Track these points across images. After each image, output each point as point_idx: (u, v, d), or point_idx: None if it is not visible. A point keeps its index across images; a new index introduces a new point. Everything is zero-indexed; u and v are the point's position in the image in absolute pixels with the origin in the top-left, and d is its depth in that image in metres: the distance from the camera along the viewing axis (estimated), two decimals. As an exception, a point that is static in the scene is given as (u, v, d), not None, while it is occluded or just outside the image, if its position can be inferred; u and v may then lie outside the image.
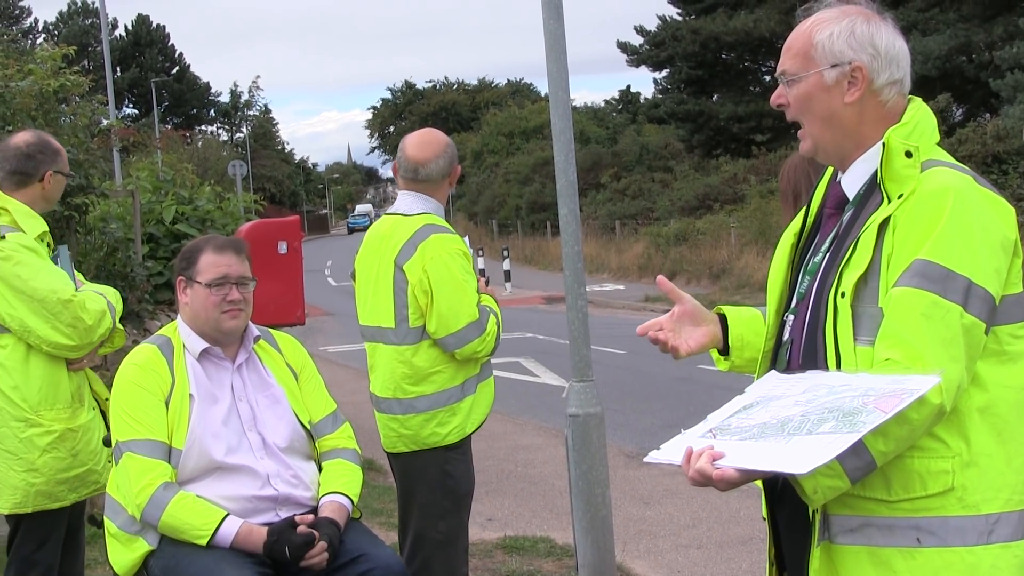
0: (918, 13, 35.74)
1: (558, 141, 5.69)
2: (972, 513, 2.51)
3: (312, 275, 8.76)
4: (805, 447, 2.30)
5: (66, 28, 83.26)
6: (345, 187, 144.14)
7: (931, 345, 2.44)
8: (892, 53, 2.70)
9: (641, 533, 7.85)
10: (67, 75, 9.33)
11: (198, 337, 4.16)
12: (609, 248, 38.62)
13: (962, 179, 2.57)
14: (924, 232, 2.51)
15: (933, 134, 2.73)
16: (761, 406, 2.53)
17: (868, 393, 2.36)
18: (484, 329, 4.77)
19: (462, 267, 4.78)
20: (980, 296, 2.48)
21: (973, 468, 2.52)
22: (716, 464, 2.39)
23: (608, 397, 8.95)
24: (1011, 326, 2.58)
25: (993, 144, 26.53)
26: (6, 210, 4.77)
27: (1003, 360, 2.57)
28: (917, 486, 2.52)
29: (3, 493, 4.74)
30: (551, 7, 5.65)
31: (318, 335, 22.20)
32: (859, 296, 2.60)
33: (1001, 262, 2.53)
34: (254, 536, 3.88)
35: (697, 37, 44.64)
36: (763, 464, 2.34)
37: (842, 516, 2.61)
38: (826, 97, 2.71)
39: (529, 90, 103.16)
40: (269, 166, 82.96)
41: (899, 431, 2.41)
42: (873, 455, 2.44)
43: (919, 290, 2.48)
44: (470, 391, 4.88)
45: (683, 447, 2.48)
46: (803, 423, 2.37)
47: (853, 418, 2.31)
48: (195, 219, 10.55)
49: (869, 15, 2.73)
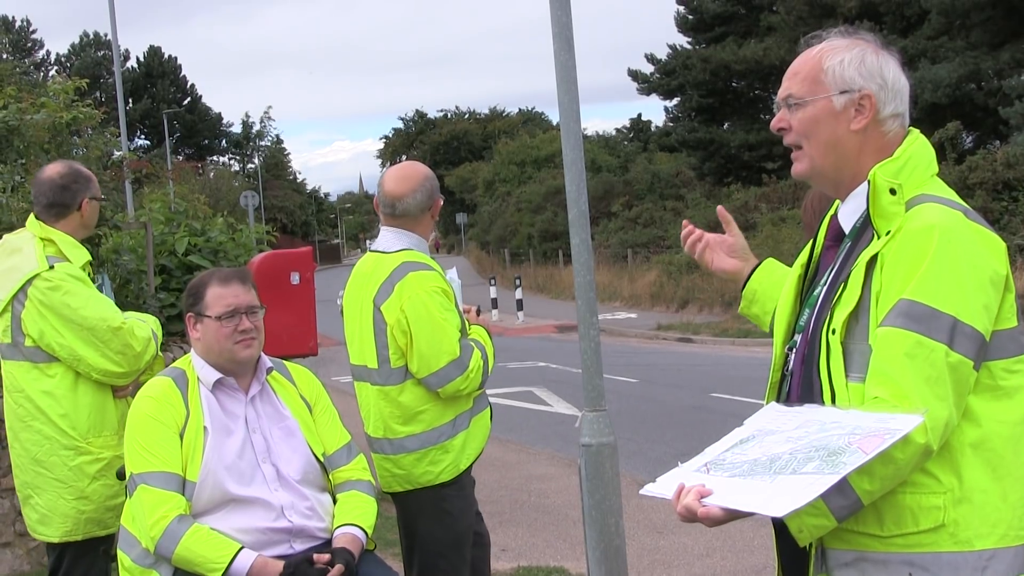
0: (927, 41, 35.79)
1: (570, 171, 5.70)
2: (965, 549, 2.50)
3: (324, 305, 8.77)
4: (788, 487, 2.31)
5: (78, 60, 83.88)
6: (357, 216, 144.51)
7: (916, 384, 2.44)
8: (898, 87, 2.73)
9: (655, 563, 7.82)
10: (80, 108, 9.39)
11: (212, 368, 4.17)
12: (621, 276, 38.59)
13: (950, 215, 2.56)
14: (909, 270, 2.50)
15: (929, 167, 2.72)
16: (756, 440, 2.54)
17: (855, 432, 2.36)
18: (466, 367, 4.72)
19: (440, 305, 4.74)
20: (967, 334, 2.47)
21: (966, 504, 2.51)
22: (703, 501, 2.41)
23: (621, 426, 8.92)
24: (1006, 360, 2.57)
25: (1003, 171, 26.51)
26: (52, 241, 4.85)
27: (998, 395, 2.56)
28: (909, 522, 2.52)
29: (53, 522, 4.79)
30: (562, 39, 5.68)
31: (331, 365, 22.15)
32: (850, 333, 2.60)
33: (990, 298, 2.52)
34: (269, 569, 3.87)
35: (707, 66, 44.76)
36: (745, 504, 2.36)
37: (838, 550, 2.62)
38: (832, 122, 2.72)
39: (540, 119, 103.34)
40: (281, 196, 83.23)
41: (884, 470, 2.41)
42: (859, 494, 2.44)
43: (903, 330, 2.47)
44: (462, 427, 4.84)
45: (677, 481, 2.50)
46: (790, 461, 2.38)
47: (836, 458, 2.31)
48: (208, 250, 10.55)
49: (877, 48, 2.76)
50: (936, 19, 35.46)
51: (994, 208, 24.92)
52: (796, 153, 2.80)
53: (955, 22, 35.33)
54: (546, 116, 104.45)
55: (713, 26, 48.12)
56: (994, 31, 34.84)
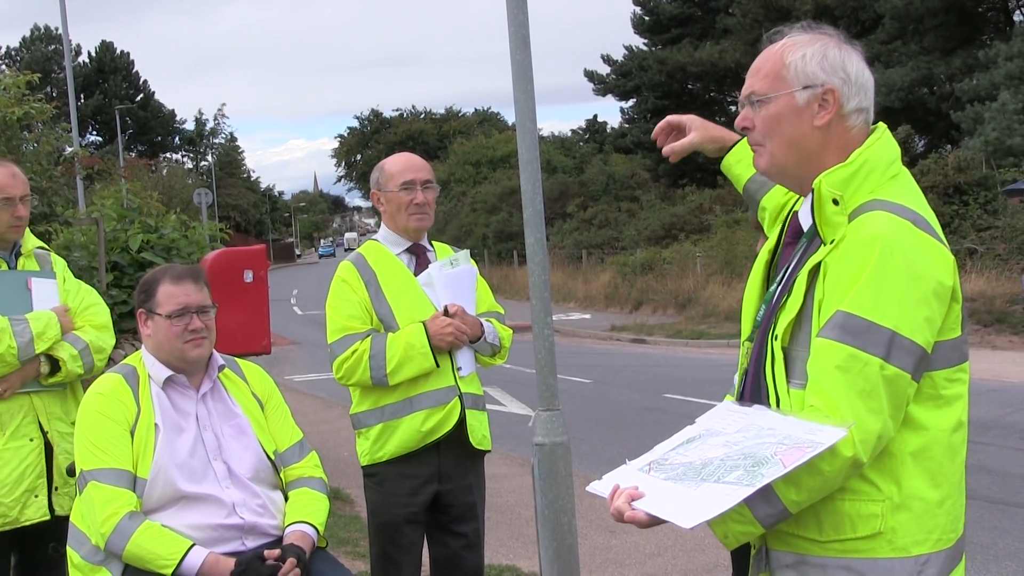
0: (881, 45, 36.15)
1: (525, 171, 5.70)
2: (902, 555, 2.51)
3: (278, 304, 8.69)
4: (707, 496, 2.33)
5: (28, 54, 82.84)
6: (311, 216, 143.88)
7: (847, 397, 2.43)
8: (862, 81, 2.68)
9: (607, 561, 7.84)
10: (31, 102, 9.30)
11: (162, 366, 4.14)
12: (576, 277, 38.65)
13: (896, 225, 2.51)
14: (850, 281, 2.48)
15: (888, 168, 2.66)
16: (699, 442, 2.55)
17: (783, 442, 2.37)
18: (334, 355, 4.86)
19: (334, 292, 4.96)
20: (906, 348, 2.45)
21: (904, 511, 2.51)
22: (633, 505, 2.43)
23: (575, 426, 8.95)
24: (947, 370, 2.56)
25: (954, 175, 26.79)
26: None
27: (939, 404, 2.55)
28: (847, 528, 2.53)
29: None
30: (518, 38, 5.67)
31: (284, 364, 22.10)
32: (794, 339, 2.60)
33: (933, 311, 2.49)
34: (220, 567, 3.84)
35: (663, 67, 45.00)
36: (662, 511, 2.38)
37: (780, 552, 2.64)
38: (796, 119, 2.67)
39: (496, 119, 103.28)
40: (235, 194, 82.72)
41: (811, 482, 2.42)
42: (785, 503, 2.46)
43: (837, 343, 2.46)
44: (386, 419, 4.90)
45: (617, 480, 2.52)
46: (718, 468, 2.39)
47: (758, 469, 2.33)
48: (160, 247, 10.49)
49: (840, 42, 2.71)
50: (890, 23, 35.86)
51: (945, 212, 25.16)
52: (757, 148, 2.76)
53: (909, 27, 35.73)
54: (502, 116, 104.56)
55: (669, 28, 48.40)
56: (947, 36, 35.27)
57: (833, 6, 38.19)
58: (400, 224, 5.05)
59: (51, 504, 4.89)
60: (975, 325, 20.50)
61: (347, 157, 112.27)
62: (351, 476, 10.18)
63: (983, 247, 24.09)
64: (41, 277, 4.99)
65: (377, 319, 4.88)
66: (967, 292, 21.56)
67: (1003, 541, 7.93)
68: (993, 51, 32.05)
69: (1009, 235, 24.23)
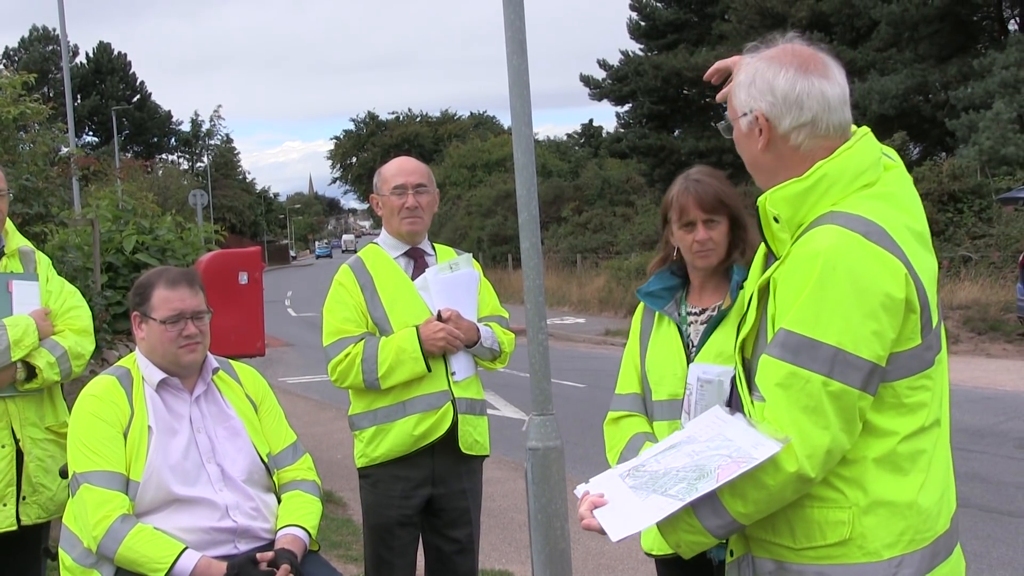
0: (876, 53, 36.22)
1: (520, 175, 5.70)
2: (874, 559, 2.52)
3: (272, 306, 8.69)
4: (647, 507, 2.36)
5: (26, 55, 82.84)
6: (306, 217, 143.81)
7: (789, 413, 2.44)
8: (792, 97, 2.61)
9: (600, 567, 7.84)
10: (28, 102, 9.28)
11: (156, 368, 4.13)
12: (570, 281, 38.61)
13: (843, 239, 2.47)
14: (793, 298, 2.48)
15: (856, 179, 2.60)
16: (676, 449, 2.58)
17: (730, 455, 2.40)
18: (329, 358, 4.90)
19: (331, 295, 5.00)
20: (851, 363, 2.43)
21: (871, 516, 2.52)
22: (594, 512, 2.49)
23: (568, 431, 8.95)
24: (908, 379, 2.54)
25: (949, 183, 26.83)
26: None
27: (902, 412, 2.55)
28: (817, 535, 2.54)
29: None
30: (515, 42, 5.67)
31: (278, 366, 22.07)
32: (755, 352, 2.62)
33: (883, 324, 2.45)
34: (212, 570, 3.83)
35: (659, 72, 44.99)
36: (605, 522, 2.42)
37: (762, 559, 2.65)
38: (747, 144, 2.71)
39: (492, 123, 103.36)
40: (230, 196, 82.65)
41: (757, 495, 2.45)
42: (733, 515, 2.48)
43: (778, 360, 2.48)
44: (379, 421, 4.92)
45: (597, 484, 2.55)
46: (671, 479, 2.43)
47: (698, 482, 2.36)
48: (155, 249, 10.48)
49: (782, 57, 2.66)
50: (885, 31, 35.90)
51: (939, 219, 25.20)
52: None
53: (904, 35, 35.78)
54: (497, 120, 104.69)
55: (665, 33, 48.42)
56: (942, 44, 35.32)
57: (828, 13, 38.26)
58: (394, 228, 5.06)
59: (18, 514, 4.73)
60: (969, 333, 20.50)
61: (342, 159, 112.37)
62: (344, 479, 10.18)
63: (977, 255, 24.11)
64: (22, 279, 4.85)
65: (372, 322, 4.89)
66: (961, 300, 21.59)
67: (997, 550, 7.93)
68: (988, 59, 32.14)
69: (1003, 243, 24.25)
